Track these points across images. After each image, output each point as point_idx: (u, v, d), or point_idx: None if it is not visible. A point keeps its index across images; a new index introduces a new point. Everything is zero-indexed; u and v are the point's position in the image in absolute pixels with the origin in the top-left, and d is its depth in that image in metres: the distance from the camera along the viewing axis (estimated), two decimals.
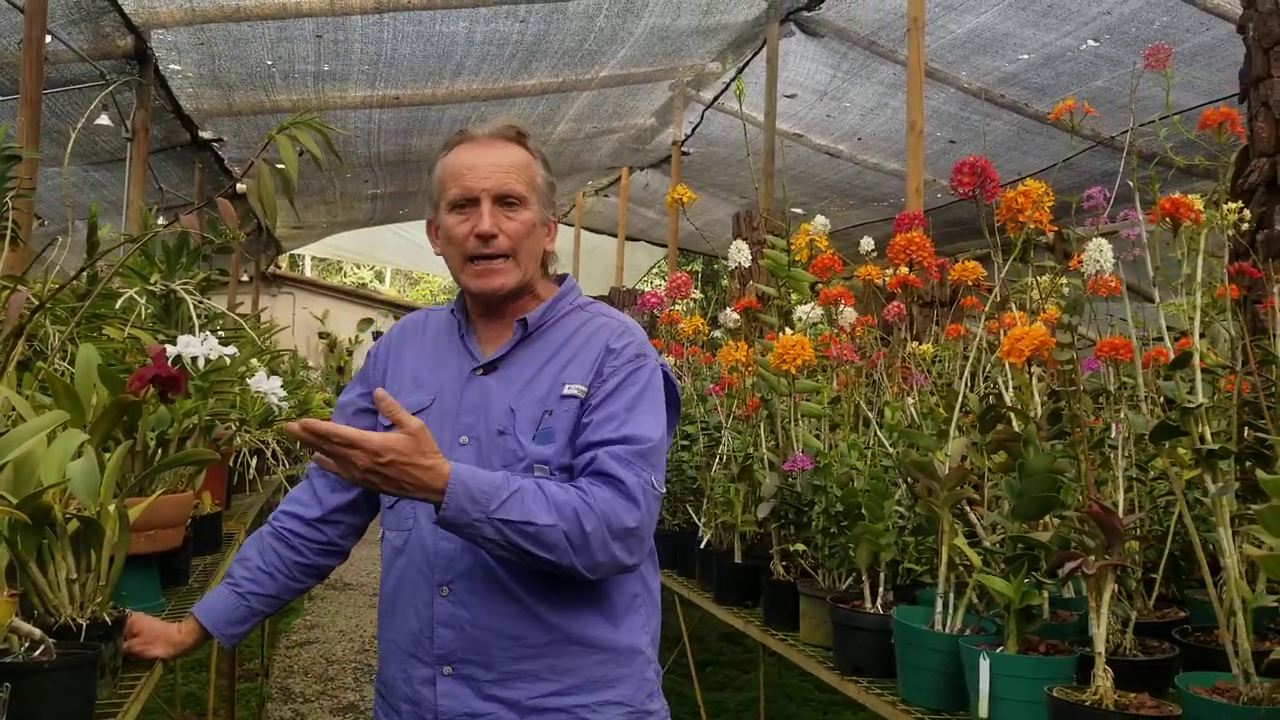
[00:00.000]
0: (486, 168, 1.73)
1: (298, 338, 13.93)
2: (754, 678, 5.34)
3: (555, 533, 1.54)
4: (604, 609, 1.70)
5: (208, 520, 2.87)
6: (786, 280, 2.85)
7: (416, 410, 1.74)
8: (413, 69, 6.91)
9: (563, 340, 1.77)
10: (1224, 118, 1.82)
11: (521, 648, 1.64)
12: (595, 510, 1.57)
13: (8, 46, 5.35)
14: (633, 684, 1.71)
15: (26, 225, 3.14)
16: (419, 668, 1.69)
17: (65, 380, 1.71)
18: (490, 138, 1.77)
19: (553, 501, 1.56)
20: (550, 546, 1.55)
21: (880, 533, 2.22)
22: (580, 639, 1.67)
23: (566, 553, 1.56)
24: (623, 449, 1.63)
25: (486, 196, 1.71)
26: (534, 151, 1.79)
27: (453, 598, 1.67)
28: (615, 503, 1.59)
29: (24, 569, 1.48)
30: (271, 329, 5.10)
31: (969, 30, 6.28)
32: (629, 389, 1.70)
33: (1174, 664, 1.83)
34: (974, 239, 9.09)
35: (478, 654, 1.65)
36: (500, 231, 1.71)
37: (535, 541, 1.54)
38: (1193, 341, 1.73)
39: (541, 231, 1.79)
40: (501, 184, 1.72)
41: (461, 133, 1.80)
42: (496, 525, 1.52)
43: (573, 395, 1.69)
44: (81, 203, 7.57)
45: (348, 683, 5.47)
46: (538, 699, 1.64)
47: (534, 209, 1.75)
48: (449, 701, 1.66)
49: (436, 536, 1.66)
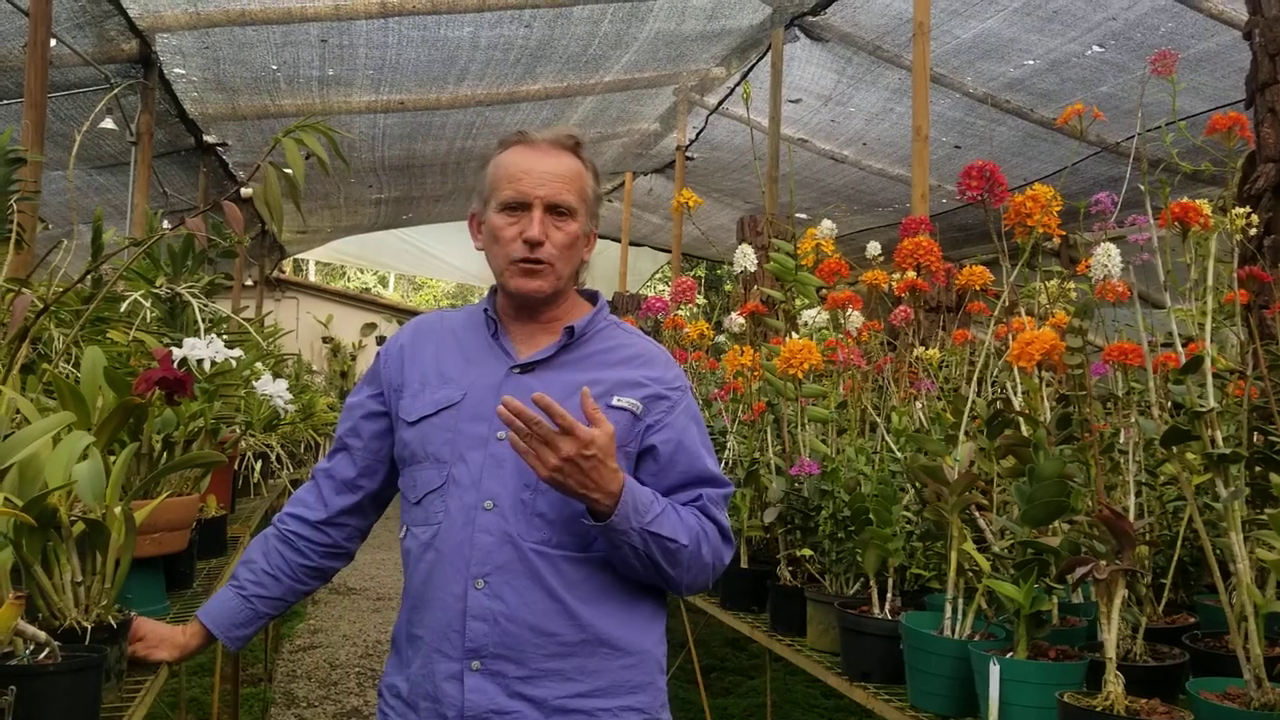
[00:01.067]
0: (542, 175, 1.74)
1: (301, 342, 13.93)
2: (758, 684, 5.33)
3: (686, 553, 1.66)
4: (633, 615, 1.71)
5: (213, 523, 2.87)
6: (793, 284, 2.84)
7: (447, 405, 1.75)
8: (417, 74, 6.91)
9: (603, 352, 1.80)
10: (1232, 122, 1.81)
11: (555, 645, 1.64)
12: (709, 541, 1.71)
13: (13, 50, 5.35)
14: (652, 692, 1.72)
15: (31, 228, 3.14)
16: (444, 662, 1.66)
17: (71, 383, 1.70)
18: (548, 144, 1.78)
19: (686, 524, 1.68)
20: (677, 564, 1.66)
21: (888, 538, 2.21)
22: (611, 641, 1.67)
23: (683, 568, 1.67)
24: (716, 493, 1.76)
25: (539, 204, 1.73)
26: (587, 162, 1.81)
27: (488, 590, 1.65)
28: (719, 540, 1.74)
29: (29, 571, 1.47)
30: (276, 333, 5.09)
31: (974, 36, 6.28)
32: (694, 423, 1.80)
33: (1184, 669, 1.82)
34: (979, 244, 9.07)
35: (510, 649, 1.64)
36: (548, 240, 1.73)
37: (670, 557, 1.64)
38: (1203, 346, 1.72)
39: (583, 243, 1.81)
40: (555, 193, 1.73)
41: (520, 134, 1.81)
42: (645, 537, 1.61)
43: (624, 408, 1.73)
44: (85, 206, 7.59)
45: (351, 687, 5.46)
46: (564, 699, 1.64)
47: (581, 220, 1.77)
48: (476, 697, 1.63)
49: (472, 529, 1.66)
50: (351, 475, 1.86)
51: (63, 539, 1.51)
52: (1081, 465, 1.88)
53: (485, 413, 1.72)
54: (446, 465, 1.71)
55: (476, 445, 1.71)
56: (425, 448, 1.74)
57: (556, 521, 1.66)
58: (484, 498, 1.67)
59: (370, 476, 1.87)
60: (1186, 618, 2.14)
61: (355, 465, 1.86)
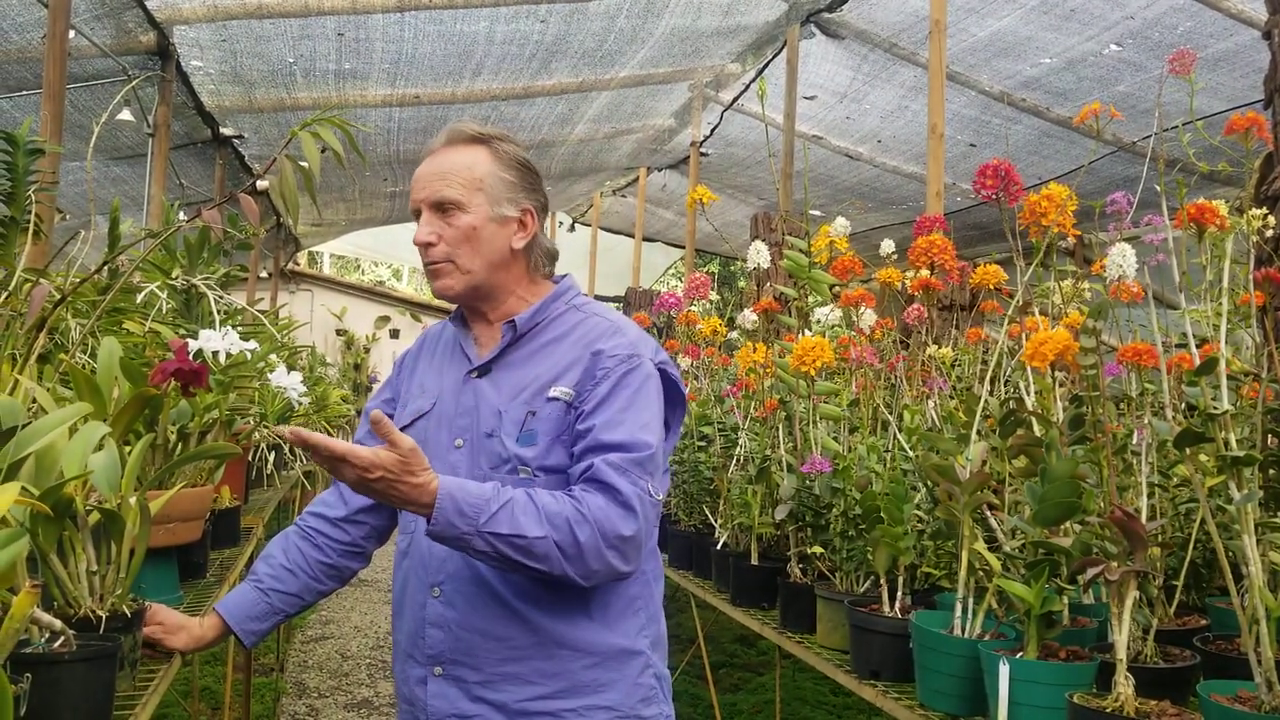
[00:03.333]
0: (425, 178, 1.77)
1: (315, 334, 13.97)
2: (767, 680, 5.33)
3: (546, 544, 1.54)
4: (596, 612, 1.69)
5: (226, 514, 2.88)
6: (807, 282, 2.84)
7: (418, 416, 1.80)
8: (433, 68, 6.92)
9: (553, 341, 1.77)
10: (1251, 123, 1.80)
11: (507, 649, 1.66)
12: (589, 519, 1.57)
13: (32, 41, 5.38)
14: (623, 688, 1.70)
15: (49, 219, 3.16)
16: (414, 667, 1.73)
17: (87, 373, 1.71)
18: (441, 147, 1.79)
19: (544, 512, 1.56)
20: (542, 557, 1.55)
21: (899, 536, 2.21)
22: (568, 642, 1.67)
23: (559, 562, 1.56)
24: (619, 456, 1.62)
25: (424, 207, 1.76)
26: (491, 148, 1.78)
27: (442, 599, 1.70)
28: (610, 511, 1.59)
29: (45, 560, 1.48)
30: (290, 325, 5.11)
31: (991, 34, 6.25)
32: (623, 391, 1.68)
33: (1195, 672, 1.82)
34: (993, 243, 9.05)
35: (465, 655, 1.67)
36: (440, 239, 1.74)
37: (526, 553, 1.55)
38: (1218, 347, 1.72)
39: (493, 230, 1.75)
40: (435, 192, 1.74)
41: (427, 147, 1.83)
42: (486, 538, 1.53)
43: (557, 398, 1.68)
44: (103, 197, 7.62)
45: (362, 678, 5.49)
46: (524, 702, 1.65)
47: (474, 210, 1.74)
48: (438, 702, 1.69)
49: (430, 540, 1.66)
50: None
51: (78, 528, 1.53)
52: (1094, 466, 1.88)
53: (447, 422, 1.76)
54: None
55: (439, 455, 1.72)
56: None
57: None
58: None
59: None
60: (1198, 620, 2.13)
61: None
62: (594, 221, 12.97)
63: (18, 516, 1.39)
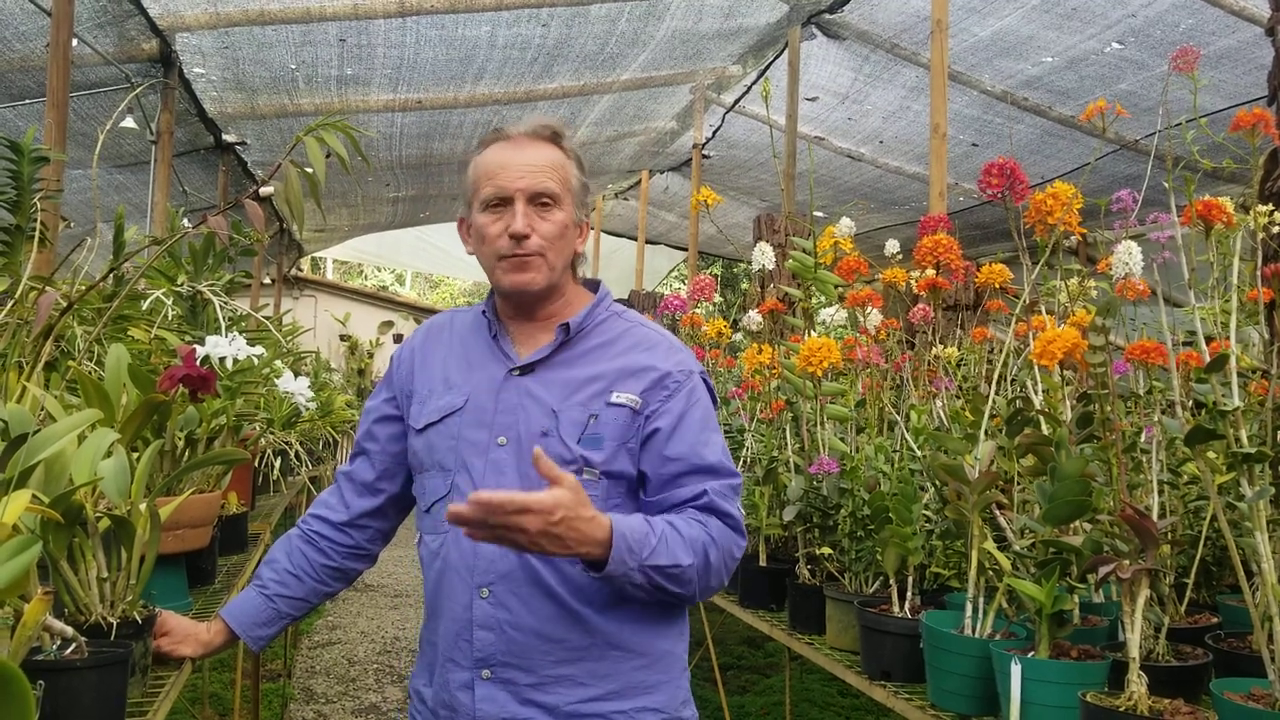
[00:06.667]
0: (521, 166, 1.70)
1: (319, 340, 13.97)
2: (775, 682, 5.33)
3: (691, 570, 1.60)
4: (645, 614, 1.68)
5: (234, 520, 2.88)
6: (812, 282, 2.84)
7: (449, 412, 1.74)
8: (435, 73, 6.93)
9: (602, 346, 1.75)
10: (1256, 119, 1.80)
11: (563, 651, 1.63)
12: (717, 545, 1.64)
13: (35, 50, 5.39)
14: (669, 690, 1.70)
15: (54, 227, 3.16)
16: (456, 671, 1.68)
17: (95, 380, 1.71)
18: (525, 136, 1.74)
19: (688, 540, 1.60)
20: (685, 583, 1.60)
21: (908, 536, 2.20)
22: (621, 643, 1.65)
23: (692, 584, 1.62)
24: (722, 484, 1.68)
25: (521, 196, 1.68)
26: (569, 151, 1.77)
27: (492, 599, 1.65)
28: (729, 536, 1.66)
29: (55, 567, 1.49)
30: (294, 331, 5.11)
31: (992, 33, 6.25)
32: (696, 410, 1.72)
33: (1207, 670, 1.81)
34: (996, 243, 9.05)
35: (517, 657, 1.63)
36: (534, 231, 1.68)
37: (675, 581, 1.59)
38: (1228, 344, 1.71)
39: (573, 233, 1.76)
40: (536, 183, 1.69)
41: (496, 131, 1.77)
42: (647, 572, 1.55)
43: (622, 404, 1.68)
44: (107, 205, 7.63)
45: (369, 684, 5.49)
46: (576, 704, 1.62)
47: (568, 209, 1.73)
48: (487, 706, 1.64)
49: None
50: (370, 478, 1.88)
51: (88, 535, 1.53)
52: (1103, 464, 1.87)
53: (485, 419, 1.71)
54: (451, 473, 1.71)
55: (478, 452, 1.69)
56: (432, 455, 1.75)
57: None
58: None
59: (389, 479, 1.88)
60: (1209, 618, 2.13)
61: (374, 469, 1.88)
62: (596, 225, 12.98)
63: (28, 524, 1.39)
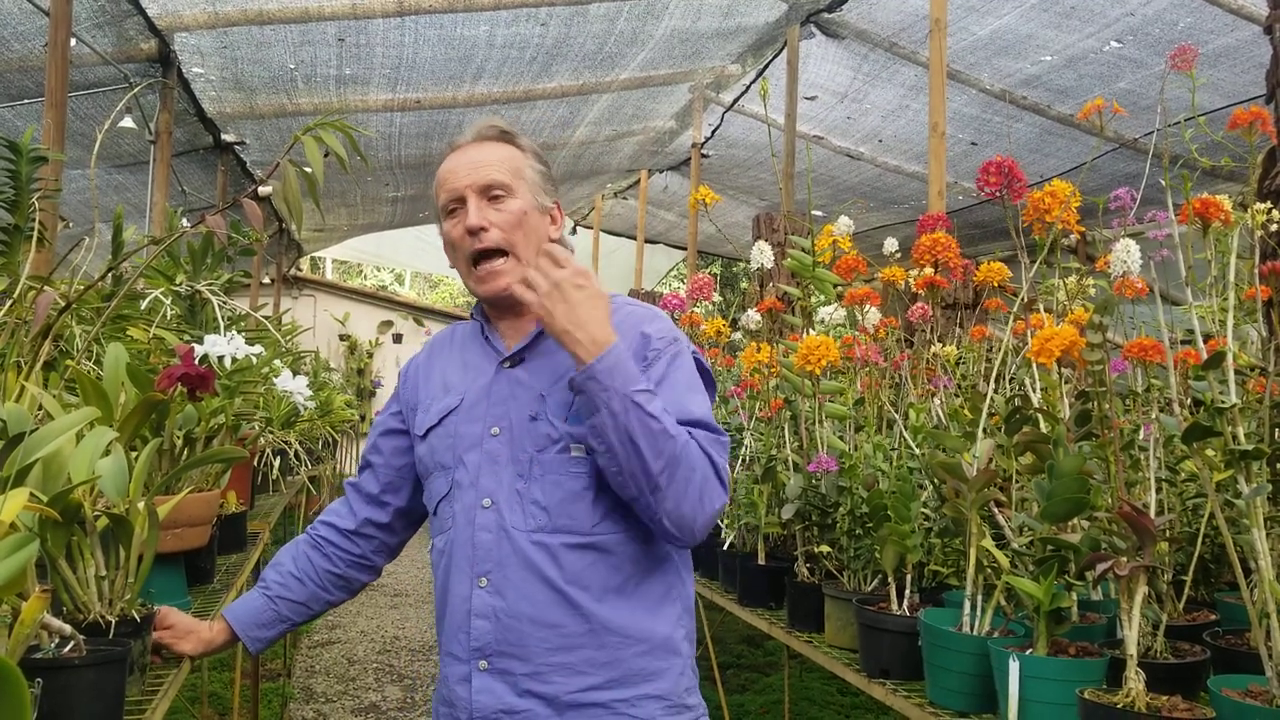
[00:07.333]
0: (467, 166, 1.75)
1: (318, 339, 13.95)
2: (774, 680, 5.33)
3: (671, 446, 1.53)
4: (641, 598, 1.67)
5: (233, 519, 2.88)
6: (811, 281, 2.84)
7: (447, 413, 1.76)
8: (434, 72, 6.92)
9: None
10: (1254, 117, 1.80)
11: (558, 638, 1.61)
12: (700, 470, 1.57)
13: (33, 50, 5.38)
14: (671, 678, 1.67)
15: (52, 226, 3.16)
16: (454, 665, 1.68)
17: (94, 379, 1.71)
18: (473, 141, 1.79)
19: (678, 430, 1.56)
20: (658, 453, 1.52)
21: (906, 534, 2.21)
22: (619, 629, 1.63)
23: (668, 473, 1.53)
24: (707, 436, 1.62)
25: (470, 192, 1.73)
26: (522, 146, 1.80)
27: (489, 587, 1.65)
28: (711, 474, 1.60)
29: (54, 566, 1.49)
30: (293, 330, 5.11)
31: (991, 32, 6.25)
32: (678, 372, 1.69)
33: (1205, 667, 1.81)
34: (995, 241, 9.05)
35: (513, 646, 1.62)
36: (490, 223, 1.71)
37: (651, 438, 1.52)
38: (1226, 342, 1.71)
39: (538, 219, 1.77)
40: (483, 176, 1.73)
41: (450, 144, 1.82)
42: (627, 403, 1.51)
43: None
44: (105, 205, 7.62)
45: (369, 683, 5.49)
46: (576, 694, 1.61)
47: (523, 197, 1.75)
48: (483, 698, 1.63)
49: (473, 529, 1.66)
50: (375, 490, 1.91)
51: (86, 534, 1.53)
52: (1101, 462, 1.88)
53: (479, 413, 1.73)
54: (450, 470, 1.73)
55: (473, 446, 1.71)
56: (434, 457, 1.77)
57: (552, 506, 1.64)
58: (482, 496, 1.67)
59: (394, 492, 1.91)
60: (1207, 615, 2.13)
61: (378, 481, 1.91)
62: (595, 224, 12.97)
63: (26, 522, 1.39)
